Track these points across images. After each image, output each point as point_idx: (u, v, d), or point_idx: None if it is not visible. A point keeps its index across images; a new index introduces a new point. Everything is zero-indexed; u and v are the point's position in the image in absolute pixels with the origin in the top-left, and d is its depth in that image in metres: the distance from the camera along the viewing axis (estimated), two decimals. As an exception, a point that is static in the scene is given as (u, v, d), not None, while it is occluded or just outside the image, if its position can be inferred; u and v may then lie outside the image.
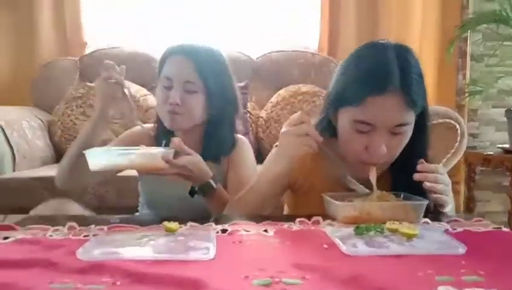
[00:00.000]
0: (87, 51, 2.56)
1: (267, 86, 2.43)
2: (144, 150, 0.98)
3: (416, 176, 0.90)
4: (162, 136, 1.18)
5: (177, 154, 0.99)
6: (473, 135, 2.66)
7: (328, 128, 1.02)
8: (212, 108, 1.16)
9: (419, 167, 0.90)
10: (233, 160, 1.21)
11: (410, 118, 0.91)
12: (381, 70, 0.90)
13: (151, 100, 2.13)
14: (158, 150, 0.98)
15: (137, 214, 1.30)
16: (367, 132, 0.92)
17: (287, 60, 2.46)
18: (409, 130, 0.93)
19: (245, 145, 1.26)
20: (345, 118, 0.95)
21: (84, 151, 0.92)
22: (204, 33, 2.59)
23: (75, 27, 2.57)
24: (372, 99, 0.89)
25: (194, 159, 1.03)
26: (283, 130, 0.94)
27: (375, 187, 0.96)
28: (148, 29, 2.59)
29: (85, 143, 1.06)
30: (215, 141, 1.17)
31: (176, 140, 1.00)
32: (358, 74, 0.93)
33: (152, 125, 1.27)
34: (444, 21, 2.49)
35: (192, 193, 1.09)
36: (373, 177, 0.97)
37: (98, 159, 0.91)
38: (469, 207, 2.55)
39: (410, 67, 0.91)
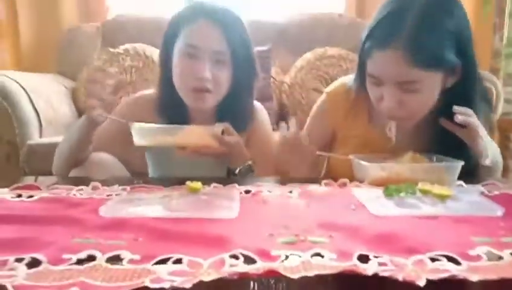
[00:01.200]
0: (110, 16, 2.54)
1: (292, 50, 2.35)
2: (190, 128, 0.97)
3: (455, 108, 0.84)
4: (166, 108, 1.09)
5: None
6: (507, 101, 2.51)
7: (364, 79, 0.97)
8: (236, 80, 1.06)
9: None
10: (255, 135, 1.14)
11: (419, 75, 0.85)
12: (387, 23, 0.86)
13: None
14: (205, 128, 0.97)
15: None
16: (379, 84, 0.90)
17: (313, 22, 2.36)
18: (425, 87, 0.87)
19: (263, 116, 1.17)
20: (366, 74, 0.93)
21: (130, 125, 0.92)
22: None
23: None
24: (377, 53, 0.87)
25: (240, 140, 1.01)
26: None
27: (393, 140, 0.93)
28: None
29: (78, 147, 1.02)
30: (230, 115, 1.05)
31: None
32: (372, 24, 0.89)
33: (151, 92, 1.15)
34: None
35: (228, 174, 1.05)
36: (391, 132, 0.95)
37: (144, 135, 0.93)
38: (503, 175, 2.45)
39: (425, 20, 0.83)
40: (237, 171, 1.03)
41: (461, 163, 0.87)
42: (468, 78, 0.90)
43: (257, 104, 1.18)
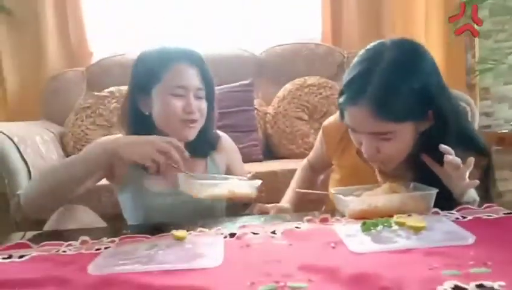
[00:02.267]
0: (94, 60, 2.59)
1: (273, 81, 2.41)
2: (235, 180, 1.06)
3: (441, 147, 0.88)
4: None
5: None
6: (486, 114, 2.60)
7: None
8: (208, 111, 1.19)
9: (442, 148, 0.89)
10: (231, 157, 1.30)
11: (388, 127, 0.90)
12: (356, 82, 0.92)
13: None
14: (246, 181, 1.09)
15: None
16: (357, 132, 0.96)
17: (291, 52, 2.43)
18: (397, 136, 0.92)
19: (230, 142, 1.32)
20: None
21: (179, 175, 0.99)
22: (206, 32, 2.59)
23: (80, 38, 2.59)
24: (349, 108, 0.94)
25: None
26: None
27: (380, 180, 0.96)
28: (151, 33, 2.60)
29: (79, 179, 1.03)
30: (203, 139, 1.20)
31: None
32: (345, 81, 0.96)
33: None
34: (448, 1, 2.43)
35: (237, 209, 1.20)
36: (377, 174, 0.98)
37: (195, 186, 0.98)
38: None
39: (389, 80, 0.89)
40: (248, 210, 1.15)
41: (436, 191, 0.91)
42: (442, 122, 0.93)
43: (224, 134, 1.32)
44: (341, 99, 0.96)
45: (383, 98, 0.88)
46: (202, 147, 1.21)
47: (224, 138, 1.31)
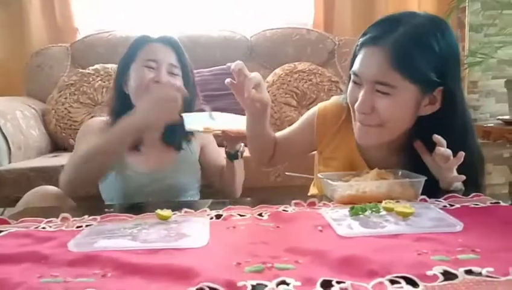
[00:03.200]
0: (79, 37, 2.52)
1: (263, 65, 2.39)
2: (225, 116, 1.19)
3: (435, 137, 0.88)
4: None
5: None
6: (473, 107, 2.62)
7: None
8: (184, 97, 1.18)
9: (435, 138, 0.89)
10: (206, 145, 1.39)
11: (396, 79, 0.88)
12: (381, 26, 0.92)
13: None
14: (237, 116, 1.19)
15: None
16: (358, 83, 0.94)
17: (282, 37, 2.41)
18: (397, 95, 0.89)
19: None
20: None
21: (182, 115, 1.10)
22: (197, 13, 2.54)
23: (65, 13, 2.52)
24: (365, 49, 0.92)
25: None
26: None
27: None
28: (139, 13, 2.54)
29: (115, 150, 1.09)
30: (178, 128, 1.17)
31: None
32: (369, 26, 0.95)
33: (103, 119, 1.29)
34: (442, -9, 2.43)
35: (229, 157, 1.28)
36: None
37: (193, 121, 1.12)
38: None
39: (414, 34, 0.88)
40: (238, 151, 1.28)
41: (424, 178, 0.90)
42: (449, 107, 0.92)
43: None
44: (361, 39, 0.94)
45: (404, 48, 0.87)
46: (173, 136, 1.27)
47: None
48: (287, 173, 1.01)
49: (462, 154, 0.89)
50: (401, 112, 0.92)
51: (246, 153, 1.24)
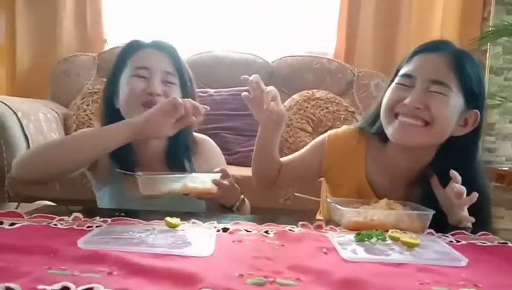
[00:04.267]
0: (107, 48, 2.60)
1: (281, 90, 2.41)
2: (194, 175, 1.01)
3: (452, 172, 0.90)
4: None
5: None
6: (489, 150, 2.61)
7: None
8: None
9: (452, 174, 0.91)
10: (211, 164, 1.15)
11: (452, 81, 0.93)
12: (435, 42, 1.00)
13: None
14: (206, 175, 1.01)
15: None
16: (406, 85, 0.96)
17: (302, 64, 2.45)
18: (450, 98, 0.93)
19: (212, 146, 1.23)
20: (390, 85, 1.02)
21: (136, 176, 0.95)
22: (221, 35, 2.61)
23: (96, 24, 2.62)
24: (420, 56, 0.98)
25: (232, 181, 1.04)
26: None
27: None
28: (166, 28, 2.62)
29: (101, 148, 0.99)
30: (180, 146, 1.11)
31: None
32: (413, 51, 1.01)
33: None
34: (463, 33, 2.46)
35: (225, 210, 1.09)
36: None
37: (151, 185, 0.96)
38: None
39: (466, 54, 0.98)
40: (235, 208, 1.07)
41: (433, 212, 0.91)
42: (474, 135, 0.98)
43: (206, 138, 1.23)
44: (415, 50, 0.99)
45: (461, 57, 0.95)
46: (175, 156, 1.12)
47: (208, 142, 1.22)
48: (296, 194, 1.01)
49: (475, 195, 0.90)
50: (451, 114, 0.95)
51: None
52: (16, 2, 2.53)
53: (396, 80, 0.99)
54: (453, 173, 0.90)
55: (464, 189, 0.89)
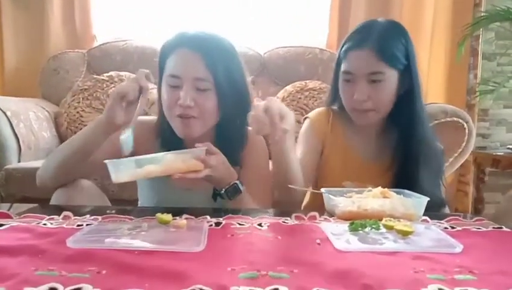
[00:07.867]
0: (96, 44, 2.57)
1: (274, 82, 2.41)
2: (172, 153, 0.89)
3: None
4: (165, 136, 1.09)
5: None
6: (483, 135, 2.61)
7: (338, 98, 1.22)
8: (224, 107, 1.03)
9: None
10: (249, 160, 1.11)
11: (384, 68, 1.10)
12: (361, 32, 1.15)
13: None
14: (188, 151, 0.92)
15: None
16: (351, 81, 1.13)
17: (295, 55, 2.43)
18: (387, 80, 1.11)
19: (258, 143, 1.14)
20: (340, 75, 1.17)
21: (105, 162, 0.82)
22: (213, 27, 2.58)
23: (85, 20, 2.58)
24: (353, 53, 1.13)
25: (224, 160, 0.97)
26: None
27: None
28: (157, 23, 2.59)
29: (83, 146, 0.99)
30: (228, 144, 1.04)
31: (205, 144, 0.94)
32: (348, 35, 1.18)
33: (153, 118, 1.15)
34: (456, 19, 2.44)
35: (215, 196, 1.01)
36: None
37: (125, 169, 0.83)
38: (477, 209, 2.50)
39: (386, 33, 1.12)
40: (223, 191, 0.97)
41: (427, 199, 0.90)
42: (413, 89, 1.15)
43: (257, 136, 1.12)
44: (344, 47, 1.15)
45: (382, 43, 1.10)
46: (230, 148, 1.03)
47: (259, 139, 1.13)
48: (289, 186, 1.00)
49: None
50: (389, 95, 1.13)
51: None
52: (1, -1, 2.49)
53: (342, 76, 1.15)
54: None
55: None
